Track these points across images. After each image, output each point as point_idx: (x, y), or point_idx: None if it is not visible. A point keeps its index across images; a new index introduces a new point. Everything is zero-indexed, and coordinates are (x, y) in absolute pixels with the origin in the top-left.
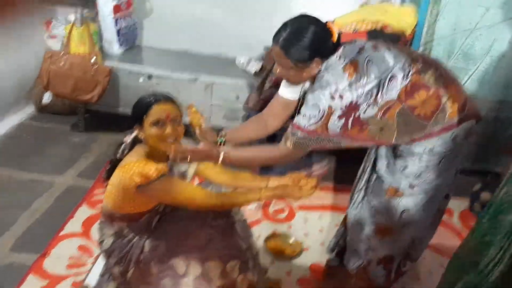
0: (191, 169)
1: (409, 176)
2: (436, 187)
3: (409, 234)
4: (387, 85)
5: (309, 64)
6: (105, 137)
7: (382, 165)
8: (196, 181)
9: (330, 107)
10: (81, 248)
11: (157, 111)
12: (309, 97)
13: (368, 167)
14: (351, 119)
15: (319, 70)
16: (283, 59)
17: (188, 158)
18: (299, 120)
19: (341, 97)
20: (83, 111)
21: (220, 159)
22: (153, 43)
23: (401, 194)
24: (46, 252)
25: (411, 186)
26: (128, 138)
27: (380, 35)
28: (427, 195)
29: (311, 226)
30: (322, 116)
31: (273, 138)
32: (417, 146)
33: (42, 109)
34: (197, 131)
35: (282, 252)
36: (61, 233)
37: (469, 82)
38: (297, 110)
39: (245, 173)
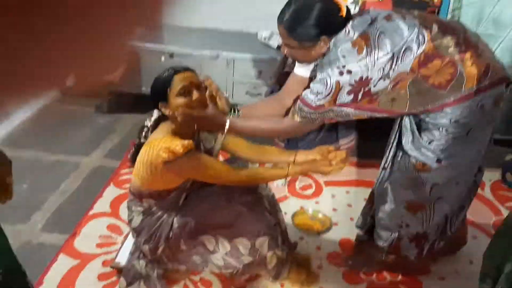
0: (217, 145)
1: (436, 150)
2: (466, 160)
3: (442, 210)
4: (401, 58)
5: (316, 43)
6: (129, 118)
7: (407, 140)
8: (222, 157)
9: (338, 83)
10: (110, 227)
11: (180, 80)
12: (318, 72)
13: (393, 142)
14: (361, 93)
15: (328, 48)
16: (289, 40)
17: (195, 124)
18: (306, 94)
19: (349, 72)
20: (107, 92)
21: (227, 126)
22: (174, 21)
23: (428, 169)
24: (76, 231)
25: (439, 160)
26: (149, 122)
27: (406, 3)
28: (457, 169)
29: (338, 202)
30: (330, 92)
31: None
32: (442, 118)
33: (66, 92)
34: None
35: (310, 227)
36: (90, 213)
37: (499, 49)
38: None
39: (272, 147)
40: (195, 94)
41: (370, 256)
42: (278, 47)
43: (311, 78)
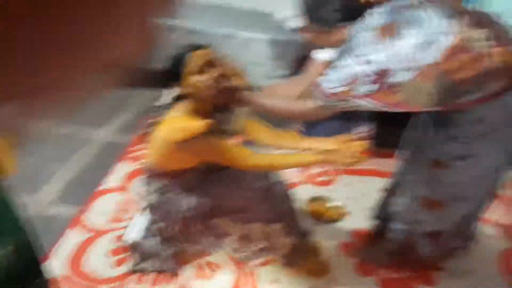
0: (234, 127)
1: (457, 148)
2: (488, 159)
3: (459, 209)
4: (426, 50)
5: (337, 29)
6: (142, 93)
7: (428, 134)
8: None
9: (355, 73)
10: (121, 203)
11: (198, 58)
12: (337, 60)
13: (415, 135)
14: (379, 84)
15: (350, 34)
16: (309, 23)
17: (213, 102)
18: (322, 81)
19: (368, 62)
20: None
21: (245, 99)
22: None
23: (448, 167)
24: (87, 206)
25: (459, 158)
26: (165, 100)
27: None
28: (478, 169)
29: (353, 190)
30: (346, 81)
31: None
32: (466, 114)
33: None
34: None
35: (323, 215)
36: (101, 188)
37: None
38: None
39: (290, 133)
40: (212, 72)
41: (383, 249)
42: (296, 28)
43: (332, 63)
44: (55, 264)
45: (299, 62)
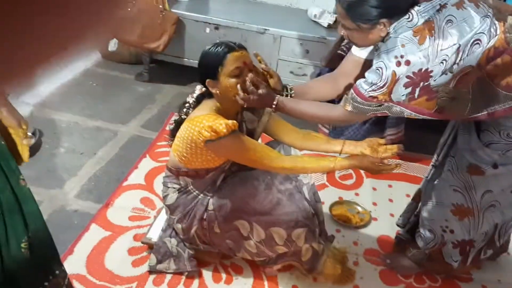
0: (260, 127)
1: (493, 154)
2: None
3: (492, 219)
4: (468, 51)
5: (375, 26)
6: (169, 88)
7: (463, 139)
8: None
9: (394, 74)
10: (144, 200)
11: (234, 60)
12: (374, 60)
13: (447, 140)
14: (419, 87)
15: (388, 32)
16: (346, 20)
17: (241, 98)
18: (360, 84)
19: (408, 63)
20: (148, 61)
21: (275, 103)
22: None
23: (482, 173)
24: (110, 202)
25: (495, 165)
26: (191, 98)
27: None
28: None
29: (379, 195)
30: (385, 83)
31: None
32: (505, 120)
33: (108, 57)
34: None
35: (348, 220)
36: (125, 184)
37: None
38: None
39: (318, 134)
40: (248, 76)
41: (410, 257)
42: (329, 26)
43: (368, 61)
44: (75, 260)
45: (332, 60)
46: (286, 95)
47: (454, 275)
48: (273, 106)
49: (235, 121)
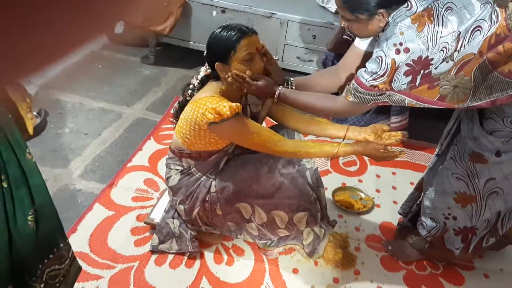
0: (264, 110)
1: (496, 142)
2: None
3: (495, 206)
4: (469, 38)
5: (373, 17)
6: (175, 72)
7: (466, 127)
8: (265, 124)
9: (393, 62)
10: (147, 181)
11: (247, 45)
12: (374, 50)
13: (451, 128)
14: (419, 75)
15: (387, 22)
16: (344, 12)
17: (245, 86)
18: (361, 74)
19: (407, 50)
20: (154, 43)
21: (276, 95)
22: None
23: (485, 161)
24: (114, 182)
25: (498, 153)
26: (196, 80)
27: None
28: None
29: (383, 182)
30: (385, 72)
31: None
32: (509, 107)
33: (114, 39)
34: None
35: (351, 206)
36: (129, 165)
37: None
38: None
39: (322, 119)
40: (258, 62)
41: (412, 244)
42: (337, 12)
43: (369, 53)
44: (78, 239)
45: (338, 45)
46: (287, 86)
47: (455, 262)
48: (275, 96)
49: (239, 104)
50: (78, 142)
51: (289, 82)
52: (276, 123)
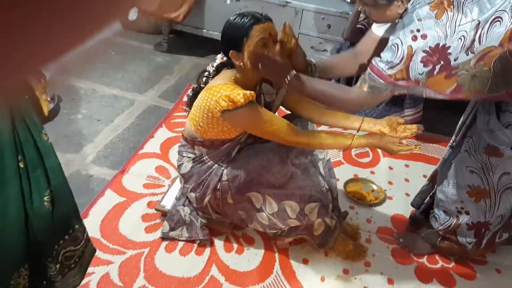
0: (278, 100)
1: (511, 135)
2: None
3: (509, 201)
4: (488, 29)
5: (392, 2)
6: (188, 60)
7: (482, 120)
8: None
9: (410, 48)
10: (159, 169)
11: (259, 32)
12: (390, 37)
13: (466, 120)
14: (439, 65)
15: (406, 9)
16: None
17: (260, 64)
18: (376, 62)
19: (424, 37)
20: (168, 31)
21: (290, 77)
22: None
23: (501, 155)
24: (125, 168)
25: None
26: (211, 67)
27: None
28: None
29: (396, 175)
30: (402, 59)
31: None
32: None
33: (128, 26)
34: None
35: (362, 198)
36: (140, 152)
37: None
38: None
39: (336, 110)
40: (272, 48)
41: (424, 237)
42: (352, 1)
43: (385, 40)
44: (90, 224)
45: (353, 34)
46: (310, 70)
47: (468, 257)
48: (287, 80)
49: (253, 92)
50: (90, 128)
51: (312, 65)
52: (289, 112)
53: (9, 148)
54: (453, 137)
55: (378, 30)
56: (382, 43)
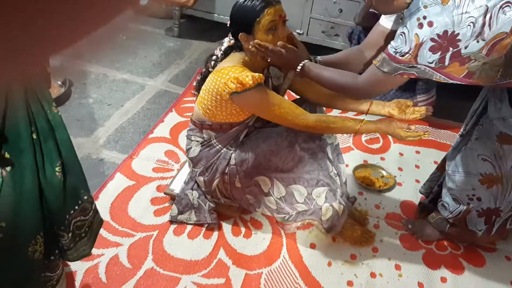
0: (286, 83)
1: None
2: None
3: None
4: (497, 14)
5: None
6: (198, 44)
7: (493, 107)
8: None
9: (417, 37)
10: (168, 153)
11: (271, 14)
12: (399, 27)
13: (478, 108)
14: (449, 54)
15: None
16: None
17: (268, 56)
18: (388, 51)
19: (430, 24)
20: (179, 15)
21: (299, 67)
22: None
23: None
24: (135, 152)
25: None
26: (219, 51)
27: None
28: None
29: (406, 161)
30: (410, 49)
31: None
32: None
33: (139, 11)
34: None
35: (372, 183)
36: (150, 136)
37: None
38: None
39: None
40: (282, 31)
41: (433, 224)
42: None
43: (393, 32)
44: (99, 207)
45: (365, 18)
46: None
47: (478, 244)
48: (298, 69)
49: (261, 74)
50: (101, 113)
51: (315, 60)
52: (298, 97)
53: (23, 119)
54: (463, 126)
55: (386, 22)
56: (389, 36)
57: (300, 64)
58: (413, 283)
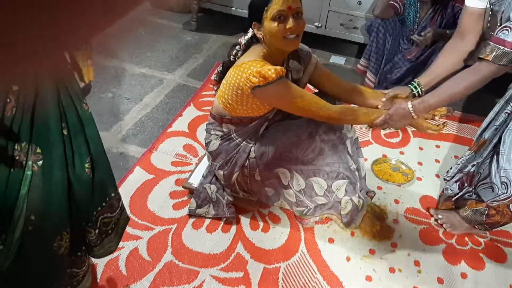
0: (305, 77)
1: None
2: None
3: None
4: None
5: None
6: (216, 38)
7: None
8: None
9: None
10: (187, 147)
11: (279, 4)
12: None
13: (505, 103)
14: None
15: None
16: None
17: (386, 126)
18: (499, 34)
19: None
20: (196, 9)
21: (412, 113)
22: None
23: None
24: (154, 146)
25: None
26: (243, 40)
27: None
28: None
29: (426, 155)
30: None
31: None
32: None
33: (157, 5)
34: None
35: (391, 178)
36: (169, 130)
37: None
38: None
39: (364, 87)
40: (290, 22)
41: (464, 217)
42: None
43: (490, 10)
44: None
45: (384, 11)
46: (417, 93)
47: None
48: (413, 117)
49: (283, 67)
50: (120, 107)
51: (415, 85)
52: (316, 90)
53: (54, 113)
54: (492, 111)
55: (472, 2)
56: (482, 16)
57: (410, 110)
58: (433, 278)
